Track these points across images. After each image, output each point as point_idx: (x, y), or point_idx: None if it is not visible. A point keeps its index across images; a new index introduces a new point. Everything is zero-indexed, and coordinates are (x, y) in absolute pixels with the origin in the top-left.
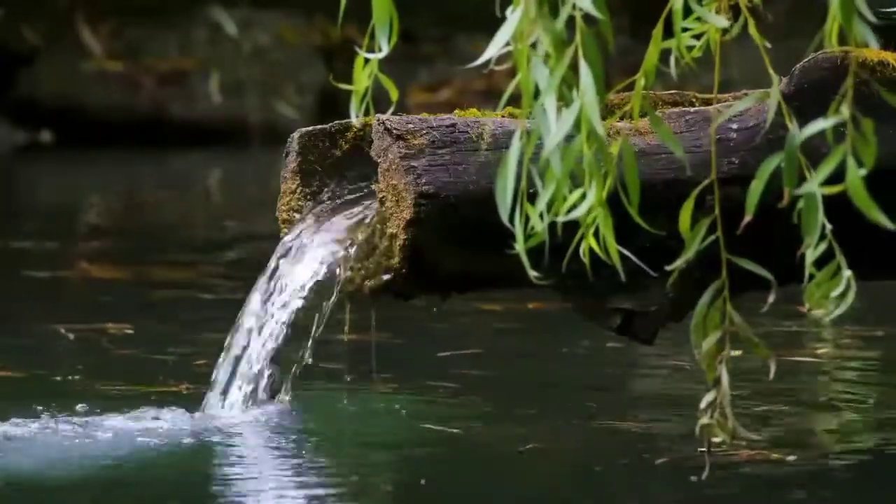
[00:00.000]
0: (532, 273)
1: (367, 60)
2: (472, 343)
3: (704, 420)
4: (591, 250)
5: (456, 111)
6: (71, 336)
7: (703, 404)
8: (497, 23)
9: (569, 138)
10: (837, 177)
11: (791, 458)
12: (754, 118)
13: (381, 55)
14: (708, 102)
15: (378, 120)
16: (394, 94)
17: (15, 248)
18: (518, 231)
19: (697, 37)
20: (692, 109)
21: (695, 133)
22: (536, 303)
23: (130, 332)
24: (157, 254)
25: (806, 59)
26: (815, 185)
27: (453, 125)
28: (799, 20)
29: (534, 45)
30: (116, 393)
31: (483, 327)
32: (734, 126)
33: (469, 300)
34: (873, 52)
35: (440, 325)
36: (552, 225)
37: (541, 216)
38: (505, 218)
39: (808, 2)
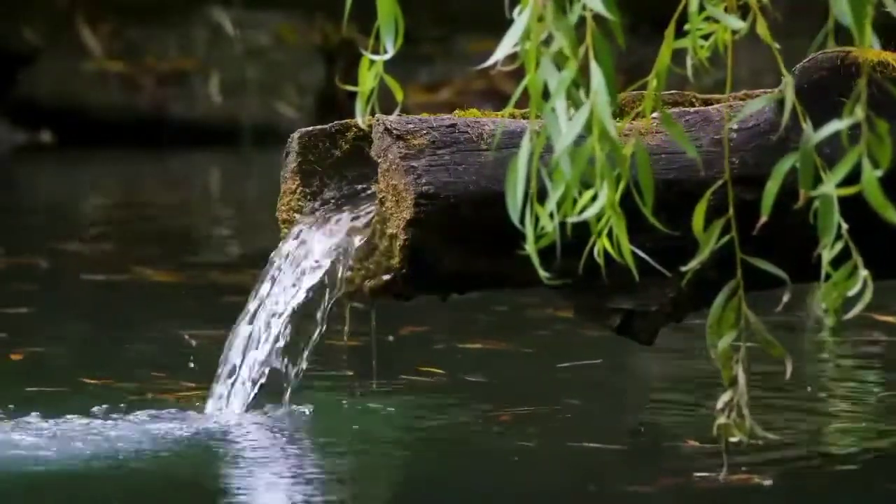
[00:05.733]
0: (543, 273)
1: (372, 61)
2: (585, 353)
3: (721, 420)
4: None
5: (456, 111)
6: (193, 342)
7: (719, 404)
8: (497, 22)
9: (579, 139)
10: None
11: (768, 482)
12: (754, 118)
13: (386, 56)
14: (708, 103)
15: (378, 120)
16: (399, 95)
17: (58, 249)
18: (529, 232)
19: (705, 37)
20: (692, 110)
21: (694, 133)
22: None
23: None
24: (193, 256)
25: (806, 60)
26: (830, 187)
27: (453, 125)
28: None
29: (545, 44)
30: None
31: (581, 336)
32: (734, 126)
33: (541, 307)
34: (874, 52)
35: (540, 333)
36: (561, 226)
37: (551, 216)
38: (516, 219)
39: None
